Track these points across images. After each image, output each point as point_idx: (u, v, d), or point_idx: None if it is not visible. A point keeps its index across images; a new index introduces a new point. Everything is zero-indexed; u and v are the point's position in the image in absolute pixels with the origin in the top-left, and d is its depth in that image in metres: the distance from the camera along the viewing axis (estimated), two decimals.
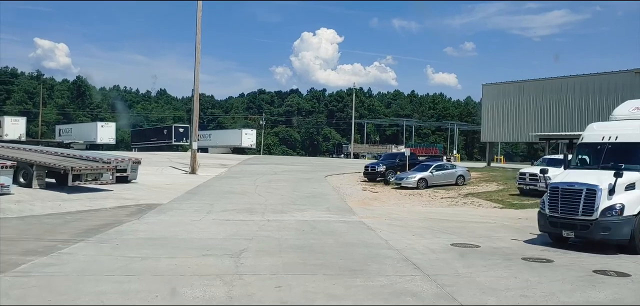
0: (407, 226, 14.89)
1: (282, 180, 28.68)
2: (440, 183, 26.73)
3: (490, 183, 28.60)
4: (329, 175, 33.44)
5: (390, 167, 30.15)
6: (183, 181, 26.68)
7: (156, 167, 33.58)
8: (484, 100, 46.07)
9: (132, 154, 34.82)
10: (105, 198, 19.18)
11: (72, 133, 67.34)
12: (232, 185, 25.24)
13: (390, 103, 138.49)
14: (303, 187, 25.74)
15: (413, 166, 29.38)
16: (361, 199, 22.06)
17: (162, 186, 23.93)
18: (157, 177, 28.06)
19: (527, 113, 41.85)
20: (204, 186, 24.72)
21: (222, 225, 13.92)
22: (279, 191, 23.35)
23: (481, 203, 21.47)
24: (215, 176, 30.32)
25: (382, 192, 25.10)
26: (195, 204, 18.35)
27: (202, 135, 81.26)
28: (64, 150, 25.53)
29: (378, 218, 16.41)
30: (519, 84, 43.39)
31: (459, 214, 18.34)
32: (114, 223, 13.85)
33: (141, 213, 16.06)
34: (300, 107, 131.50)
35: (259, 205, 18.50)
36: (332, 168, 40.83)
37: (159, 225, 13.96)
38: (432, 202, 21.94)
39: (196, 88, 31.18)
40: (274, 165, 42.64)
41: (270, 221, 14.93)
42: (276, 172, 35.02)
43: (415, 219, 16.54)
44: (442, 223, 15.62)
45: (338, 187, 26.76)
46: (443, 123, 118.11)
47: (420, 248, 11.21)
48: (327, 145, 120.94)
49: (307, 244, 11.43)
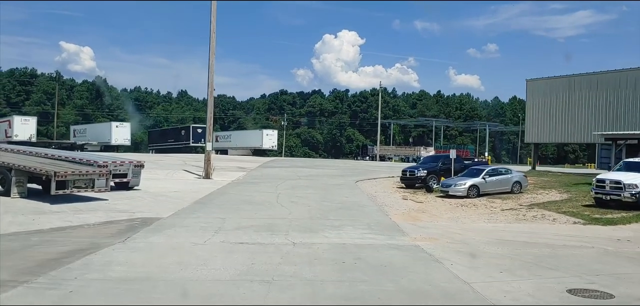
0: (482, 253, 10.98)
1: (307, 186, 24.94)
2: (493, 191, 22.69)
3: (548, 190, 24.42)
4: (360, 180, 29.58)
5: (432, 172, 26.14)
6: (194, 187, 23.12)
7: (167, 171, 30.16)
8: (528, 97, 41.48)
9: (136, 156, 31.43)
10: (93, 210, 15.65)
11: (86, 134, 64.72)
12: (250, 193, 21.57)
13: (415, 103, 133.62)
14: (333, 194, 21.94)
15: (459, 171, 25.37)
16: (405, 211, 18.15)
17: (168, 194, 20.37)
18: (165, 183, 24.57)
19: (579, 110, 37.33)
20: (217, 194, 21.10)
21: (233, 253, 10.21)
22: (305, 200, 19.59)
23: (554, 216, 17.37)
24: (231, 181, 26.72)
25: (428, 202, 21.13)
26: (202, 219, 14.69)
27: (221, 136, 78.19)
28: (57, 152, 22.17)
29: (437, 240, 12.52)
30: (568, 79, 38.83)
31: (537, 233, 14.33)
32: (88, 250, 10.25)
33: (131, 232, 12.44)
34: (322, 107, 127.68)
35: (281, 220, 14.76)
36: (360, 172, 36.96)
37: (147, 252, 10.30)
38: (493, 216, 17.90)
39: (211, 82, 27.64)
40: (297, 168, 38.93)
41: (296, 245, 11.16)
42: (300, 176, 31.29)
43: (486, 241, 12.60)
44: (526, 249, 11.67)
45: (373, 194, 22.88)
46: (471, 123, 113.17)
47: (528, 301, 7.35)
48: (350, 147, 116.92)
49: (355, 293, 7.64)
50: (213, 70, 27.45)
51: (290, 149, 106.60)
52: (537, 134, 40.58)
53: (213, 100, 28.02)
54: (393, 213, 17.27)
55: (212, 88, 27.78)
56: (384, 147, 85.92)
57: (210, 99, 27.81)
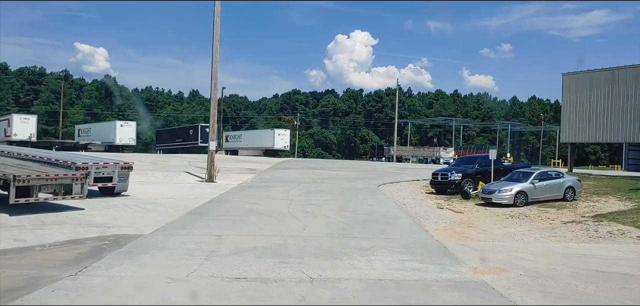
0: (582, 296, 7.63)
1: (324, 191, 21.67)
2: (543, 198, 19.25)
3: (605, 197, 20.87)
4: (382, 184, 26.25)
5: (468, 175, 22.70)
6: (193, 193, 19.96)
7: (166, 173, 27.09)
8: (565, 93, 37.72)
9: (133, 156, 28.43)
10: (60, 224, 12.53)
11: (90, 133, 62.01)
12: (257, 200, 18.34)
13: (432, 103, 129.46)
14: (354, 202, 18.63)
15: (500, 174, 21.92)
16: (447, 225, 14.77)
17: (160, 201, 17.22)
18: (161, 187, 21.46)
19: (624, 107, 33.64)
20: (218, 201, 17.88)
21: (222, 298, 6.98)
22: (322, 210, 16.31)
23: (638, 233, 13.89)
24: (237, 185, 23.55)
25: (469, 212, 17.73)
26: (193, 237, 11.48)
27: (231, 136, 75.11)
28: (33, 152, 19.08)
29: (506, 271, 9.16)
30: (611, 72, 35.10)
31: (633, 259, 10.90)
32: (20, 290, 7.12)
33: (93, 258, 9.27)
34: (336, 107, 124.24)
35: (293, 239, 11.49)
36: (380, 175, 33.60)
37: (100, 295, 7.11)
38: (556, 231, 14.45)
39: (214, 73, 24.51)
40: (310, 169, 35.66)
41: (314, 283, 7.89)
42: (314, 179, 28.03)
43: (572, 273, 9.22)
44: (637, 285, 8.31)
45: (401, 202, 19.53)
46: (490, 123, 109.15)
47: None
48: (365, 148, 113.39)
49: None
50: (217, 60, 24.33)
51: (303, 150, 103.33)
52: (575, 133, 36.87)
53: (217, 94, 24.90)
54: (433, 228, 13.93)
55: (216, 80, 24.64)
56: (400, 148, 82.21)
57: (214, 93, 24.73)
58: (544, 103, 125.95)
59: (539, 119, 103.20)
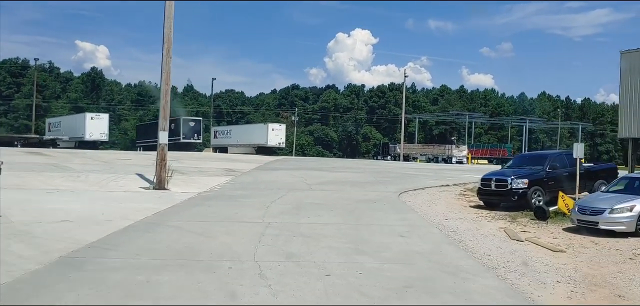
0: None
1: (322, 206, 14.37)
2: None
3: None
4: (403, 192, 19.00)
5: (536, 182, 15.29)
6: (115, 210, 12.63)
7: (109, 176, 19.87)
8: (624, 76, 30.30)
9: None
10: None
11: (60, 127, 54.78)
12: (209, 226, 11.07)
13: (437, 99, 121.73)
14: (373, 230, 11.33)
15: (588, 180, 14.61)
16: (570, 290, 7.45)
17: (35, 231, 9.97)
18: (74, 199, 14.15)
19: None
20: (138, 231, 10.53)
21: None
22: (317, 251, 9.02)
23: None
24: (197, 194, 16.30)
25: (570, 247, 10.40)
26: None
27: (220, 132, 67.67)
28: None
29: None
30: None
31: None
32: None
33: None
34: (337, 102, 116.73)
35: None
36: (394, 178, 26.40)
37: None
38: None
39: (167, 42, 17.25)
40: (307, 170, 28.33)
41: None
42: (311, 184, 20.76)
43: None
44: None
45: (447, 226, 12.19)
46: (500, 120, 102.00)
47: None
48: (367, 146, 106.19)
49: None
50: (172, 14, 17.07)
51: (302, 147, 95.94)
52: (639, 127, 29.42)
53: (170, 60, 17.60)
54: (536, 293, 6.64)
55: (169, 44, 17.36)
56: (407, 145, 74.73)
57: (167, 60, 17.43)
58: (554, 100, 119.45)
59: (558, 114, 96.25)
